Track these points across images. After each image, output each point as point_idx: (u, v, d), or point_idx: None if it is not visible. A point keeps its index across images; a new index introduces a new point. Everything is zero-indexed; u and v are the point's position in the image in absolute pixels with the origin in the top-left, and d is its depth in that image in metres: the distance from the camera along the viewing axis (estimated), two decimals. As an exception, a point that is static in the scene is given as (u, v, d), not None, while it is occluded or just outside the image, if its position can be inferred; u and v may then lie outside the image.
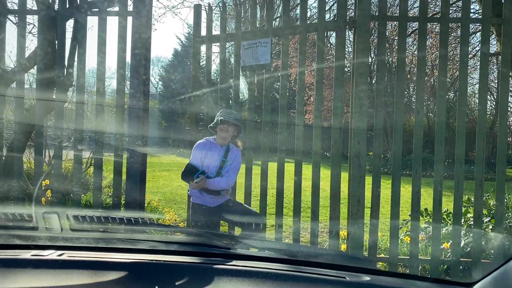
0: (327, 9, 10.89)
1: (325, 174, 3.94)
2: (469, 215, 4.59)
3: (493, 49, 9.27)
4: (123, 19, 3.86)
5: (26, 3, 3.99)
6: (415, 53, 13.47)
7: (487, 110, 3.91)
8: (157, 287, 1.12)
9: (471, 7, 4.27)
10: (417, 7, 12.88)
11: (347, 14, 3.94)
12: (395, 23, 12.47)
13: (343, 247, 4.10)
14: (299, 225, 3.94)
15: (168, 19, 65.43)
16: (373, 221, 3.78)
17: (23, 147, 4.36)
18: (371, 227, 3.79)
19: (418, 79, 3.83)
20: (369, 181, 3.77)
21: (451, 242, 3.88)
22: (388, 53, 14.79)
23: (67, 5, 4.00)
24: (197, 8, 4.11)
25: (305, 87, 5.03)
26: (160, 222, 4.89)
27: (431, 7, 11.45)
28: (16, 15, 4.22)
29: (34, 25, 5.90)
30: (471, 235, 3.99)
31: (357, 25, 3.77)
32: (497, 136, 3.84)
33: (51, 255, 1.24)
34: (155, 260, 1.26)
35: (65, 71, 4.05)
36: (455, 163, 3.79)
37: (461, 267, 3.83)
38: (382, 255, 4.09)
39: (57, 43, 4.00)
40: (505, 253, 3.80)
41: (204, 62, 4.29)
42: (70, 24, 4.15)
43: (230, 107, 4.06)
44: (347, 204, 3.89)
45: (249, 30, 4.08)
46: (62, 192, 4.01)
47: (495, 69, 17.01)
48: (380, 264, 3.93)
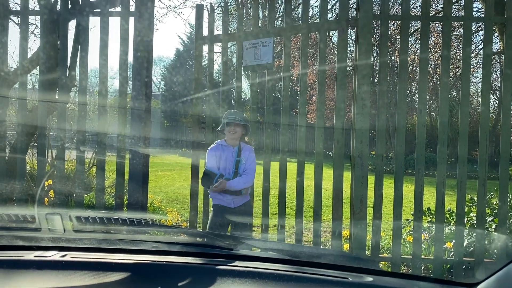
0: (329, 8, 10.86)
1: (328, 174, 3.93)
2: (472, 215, 4.58)
3: (495, 48, 9.24)
4: (125, 20, 3.87)
5: (28, 4, 4.00)
6: (417, 52, 13.43)
7: (490, 109, 3.86)
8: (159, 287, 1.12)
9: (474, 5, 4.26)
10: (419, 6, 12.86)
11: (349, 13, 3.93)
12: (397, 22, 12.44)
13: (346, 247, 4.10)
14: (301, 225, 3.93)
15: (170, 19, 65.59)
16: (375, 221, 3.78)
17: (26, 148, 4.36)
18: (374, 227, 3.79)
19: (420, 78, 3.82)
20: (371, 181, 3.77)
21: (454, 241, 3.88)
22: (390, 52, 14.77)
23: (69, 7, 4.01)
24: (199, 8, 4.11)
25: (308, 86, 5.02)
26: (162, 222, 4.90)
27: (433, 5, 11.42)
28: (18, 16, 4.23)
29: (36, 26, 5.92)
30: (474, 235, 3.99)
31: (359, 26, 3.76)
32: (500, 135, 3.84)
33: (54, 256, 1.25)
34: (157, 261, 1.26)
35: (67, 72, 4.05)
36: (457, 163, 3.78)
37: (464, 267, 3.82)
38: (384, 254, 4.08)
39: (59, 44, 4.01)
40: (509, 253, 3.79)
41: (206, 62, 4.29)
42: (72, 25, 4.17)
43: (232, 107, 4.06)
44: (349, 204, 3.89)
45: (251, 30, 4.07)
46: (64, 192, 4.01)
47: (498, 68, 16.96)
48: (382, 263, 3.93)
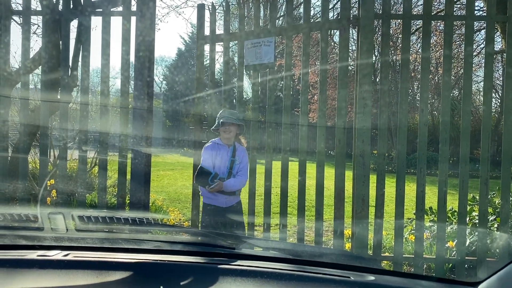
0: (330, 7, 10.86)
1: (329, 173, 3.93)
2: (474, 214, 4.57)
3: (497, 47, 9.21)
4: (127, 20, 3.87)
5: (30, 4, 4.01)
6: (419, 51, 13.40)
7: (492, 108, 3.87)
8: (162, 287, 1.12)
9: (475, 4, 4.24)
10: (421, 5, 12.83)
11: (351, 12, 3.92)
12: (398, 21, 12.42)
13: (348, 246, 4.10)
14: (303, 224, 3.93)
15: (171, 19, 65.56)
16: (377, 220, 3.77)
17: (28, 147, 4.37)
18: (376, 226, 3.79)
19: (422, 78, 3.81)
20: (373, 180, 3.77)
21: (456, 241, 3.87)
22: (392, 52, 14.74)
23: (71, 7, 4.01)
24: (201, 8, 4.11)
25: (309, 85, 5.02)
26: (164, 222, 4.91)
27: (435, 4, 11.39)
28: (20, 16, 4.24)
29: (38, 26, 5.93)
30: (476, 234, 3.98)
31: (361, 26, 3.76)
32: (502, 134, 3.83)
33: (57, 255, 1.25)
34: (160, 260, 1.26)
35: (69, 72, 4.06)
36: (459, 162, 3.78)
37: (466, 266, 3.82)
38: (386, 253, 4.08)
39: (61, 44, 4.02)
40: (511, 252, 3.79)
41: (207, 61, 4.29)
42: (74, 25, 4.17)
43: (234, 107, 4.06)
44: (351, 203, 3.88)
45: (253, 29, 4.07)
46: (67, 192, 4.02)
47: (500, 67, 16.93)
48: (384, 263, 3.93)
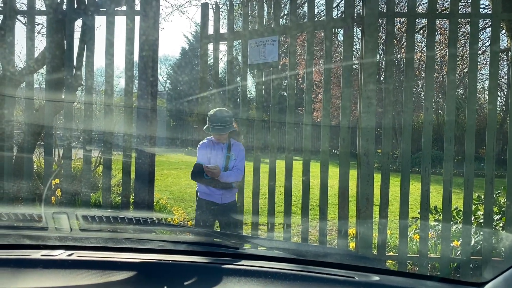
0: (334, 6, 10.83)
1: (334, 172, 3.93)
2: (479, 213, 4.55)
3: (503, 45, 9.16)
4: (131, 19, 3.87)
5: (34, 4, 4.02)
6: (424, 49, 13.35)
7: (497, 106, 3.84)
8: (166, 287, 1.12)
9: (481, 2, 4.22)
10: (425, 3, 12.77)
11: (355, 11, 3.91)
12: (403, 19, 12.36)
13: (352, 246, 4.09)
14: (307, 224, 3.93)
15: (175, 18, 65.52)
16: (381, 220, 3.76)
17: (33, 147, 4.39)
18: (380, 225, 3.77)
19: (427, 76, 3.79)
20: (377, 179, 3.75)
21: (461, 240, 3.85)
22: (396, 50, 14.69)
23: (75, 6, 4.02)
24: (204, 7, 4.10)
25: (313, 84, 5.01)
26: (168, 221, 4.92)
27: (440, 2, 11.32)
28: (25, 16, 4.25)
29: (43, 25, 5.96)
30: (481, 233, 3.96)
31: (365, 24, 3.74)
32: (508, 133, 3.80)
33: (61, 255, 1.25)
34: (164, 260, 1.26)
35: (74, 71, 4.07)
36: (465, 161, 3.76)
37: (471, 266, 3.80)
38: (391, 253, 4.07)
39: (65, 44, 4.03)
40: (517, 252, 3.77)
41: (211, 61, 4.29)
42: (78, 24, 4.18)
43: (237, 106, 4.05)
44: (355, 202, 3.87)
45: (256, 28, 4.07)
46: (71, 191, 4.03)
47: (505, 65, 16.82)
48: (389, 262, 3.92)
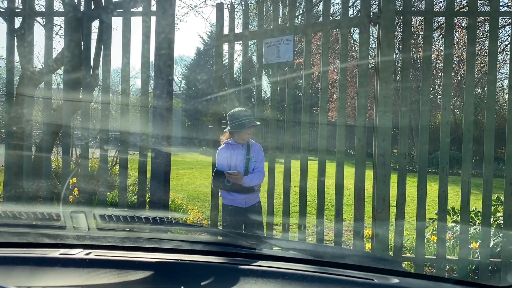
0: (350, 5, 10.73)
1: (349, 172, 3.89)
2: (498, 214, 4.46)
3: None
4: (148, 19, 3.90)
5: (53, 5, 4.07)
6: (441, 48, 13.16)
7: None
8: (182, 287, 1.12)
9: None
10: (442, 1, 12.60)
11: (371, 9, 3.86)
12: (419, 18, 12.21)
13: (368, 247, 4.05)
14: (323, 224, 3.90)
15: (190, 18, 66.02)
16: (398, 221, 3.71)
17: (51, 146, 4.45)
18: (397, 226, 3.73)
19: (445, 75, 3.73)
20: (394, 179, 3.71)
21: (479, 242, 3.78)
22: (413, 49, 14.51)
23: (93, 6, 4.06)
24: (220, 7, 4.11)
25: (329, 84, 4.97)
26: (184, 221, 4.94)
27: (458, 1, 11.15)
28: (43, 17, 4.32)
29: (61, 27, 6.04)
30: (500, 235, 3.88)
31: (382, 23, 3.69)
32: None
33: (79, 254, 1.26)
34: (180, 259, 1.26)
35: (91, 71, 4.11)
36: (483, 161, 3.68)
37: (490, 268, 3.73)
38: (407, 254, 4.01)
39: (83, 44, 4.07)
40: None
41: (226, 61, 4.29)
42: (95, 24, 4.23)
43: (253, 105, 4.05)
44: (371, 203, 3.84)
45: (272, 28, 4.05)
46: (88, 191, 4.08)
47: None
48: (405, 264, 3.87)
